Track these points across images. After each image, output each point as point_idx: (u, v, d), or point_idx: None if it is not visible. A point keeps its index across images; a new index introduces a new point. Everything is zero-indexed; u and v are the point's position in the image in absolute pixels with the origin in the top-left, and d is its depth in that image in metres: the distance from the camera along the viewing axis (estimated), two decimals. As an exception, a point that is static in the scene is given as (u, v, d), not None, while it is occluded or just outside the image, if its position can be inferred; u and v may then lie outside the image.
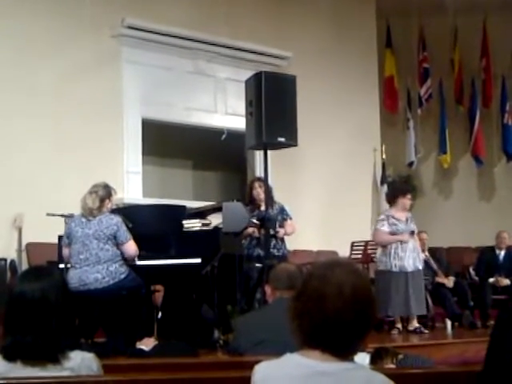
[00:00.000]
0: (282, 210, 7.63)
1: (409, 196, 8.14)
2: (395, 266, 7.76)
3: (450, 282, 8.89)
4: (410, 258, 7.83)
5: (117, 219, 5.95)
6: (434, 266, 8.94)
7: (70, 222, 6.06)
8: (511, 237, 9.51)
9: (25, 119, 8.71)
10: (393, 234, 7.87)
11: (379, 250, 8.00)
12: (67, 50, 9.12)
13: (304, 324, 2.09)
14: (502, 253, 9.48)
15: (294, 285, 3.72)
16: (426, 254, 9.03)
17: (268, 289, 4.33)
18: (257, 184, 7.55)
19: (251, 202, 7.52)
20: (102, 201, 5.94)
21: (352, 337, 2.09)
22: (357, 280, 2.11)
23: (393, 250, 7.80)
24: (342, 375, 2.06)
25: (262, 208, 7.27)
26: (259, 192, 7.47)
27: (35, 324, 2.60)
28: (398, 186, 9.96)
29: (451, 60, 12.28)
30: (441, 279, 8.88)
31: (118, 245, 5.92)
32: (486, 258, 9.57)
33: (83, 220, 5.93)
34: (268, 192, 7.20)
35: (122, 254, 5.95)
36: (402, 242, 7.80)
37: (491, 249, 9.62)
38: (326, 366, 2.07)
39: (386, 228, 7.88)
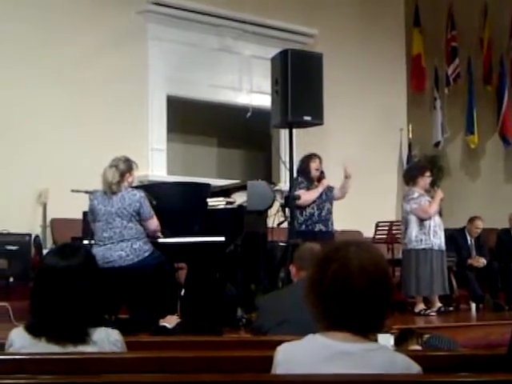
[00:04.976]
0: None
1: (427, 174, 8.04)
2: (435, 244, 7.72)
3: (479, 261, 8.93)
4: (443, 236, 7.82)
5: (139, 195, 5.93)
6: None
7: (92, 199, 6.02)
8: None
9: (50, 96, 8.74)
10: None
11: (415, 229, 7.76)
12: (93, 26, 9.12)
13: (332, 307, 2.08)
14: None
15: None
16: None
17: (293, 268, 4.33)
18: (318, 160, 7.57)
19: (306, 176, 7.50)
20: (122, 175, 5.90)
21: (379, 312, 2.11)
22: (374, 255, 2.14)
23: (432, 228, 7.73)
24: (364, 355, 2.07)
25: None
26: (319, 166, 7.57)
27: (61, 302, 2.60)
28: (415, 166, 9.87)
29: (480, 39, 12.10)
30: (473, 260, 8.94)
31: (141, 220, 5.92)
32: (503, 241, 9.48)
33: (105, 197, 5.91)
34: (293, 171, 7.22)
35: (145, 229, 5.96)
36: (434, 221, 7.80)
37: (507, 231, 9.53)
38: (349, 347, 2.07)
39: (427, 202, 7.81)
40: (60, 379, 2.08)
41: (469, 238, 9.10)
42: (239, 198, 6.97)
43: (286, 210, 7.12)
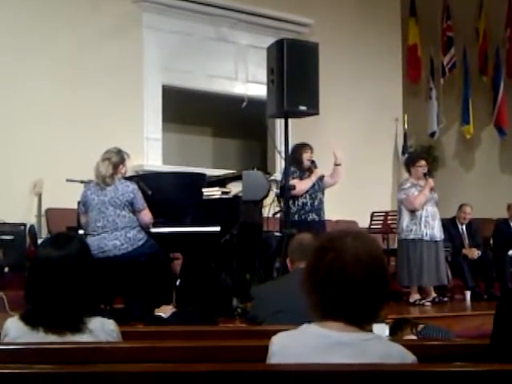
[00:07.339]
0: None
1: (419, 164, 8.00)
2: (426, 234, 7.72)
3: (473, 253, 8.91)
4: (438, 226, 7.81)
5: (132, 186, 5.95)
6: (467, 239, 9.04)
7: (85, 189, 6.06)
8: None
9: (45, 85, 8.71)
10: None
11: (406, 219, 7.81)
12: (88, 15, 9.09)
13: (326, 297, 2.08)
14: None
15: (307, 255, 3.73)
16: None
17: (288, 261, 4.37)
18: (310, 150, 7.58)
19: (299, 166, 7.50)
20: (115, 167, 5.94)
21: (374, 303, 2.11)
22: (370, 246, 2.13)
23: (423, 219, 7.74)
24: (360, 345, 2.06)
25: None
26: (311, 156, 7.52)
27: (56, 292, 2.61)
28: (409, 156, 9.91)
29: (476, 29, 12.09)
30: (467, 251, 8.92)
31: (134, 212, 5.92)
32: (501, 230, 9.49)
33: (98, 188, 5.93)
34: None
35: (138, 221, 5.97)
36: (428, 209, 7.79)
37: (504, 221, 9.54)
38: (344, 337, 2.07)
39: (416, 193, 7.81)
40: (55, 369, 2.08)
41: (460, 226, 9.13)
42: (235, 188, 6.97)
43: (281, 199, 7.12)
